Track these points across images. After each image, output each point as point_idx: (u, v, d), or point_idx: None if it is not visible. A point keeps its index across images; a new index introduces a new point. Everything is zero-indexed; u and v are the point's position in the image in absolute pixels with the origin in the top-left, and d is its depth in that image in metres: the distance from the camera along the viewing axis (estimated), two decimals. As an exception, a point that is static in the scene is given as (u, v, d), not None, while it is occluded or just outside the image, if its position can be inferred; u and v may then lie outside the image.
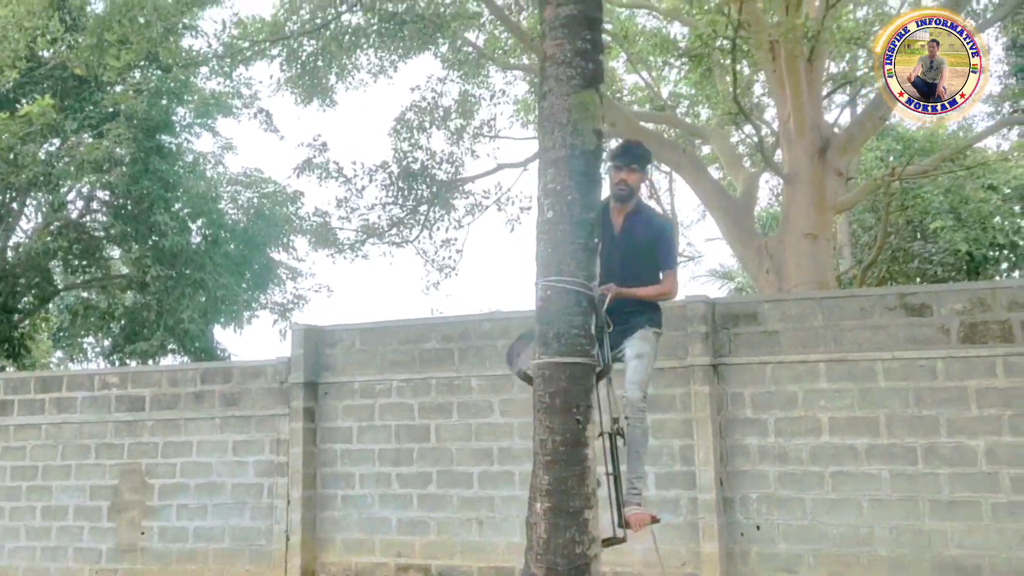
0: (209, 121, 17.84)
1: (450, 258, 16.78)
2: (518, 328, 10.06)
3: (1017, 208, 20.20)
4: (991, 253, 20.39)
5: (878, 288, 13.90)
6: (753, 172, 15.71)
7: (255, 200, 17.66)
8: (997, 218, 19.64)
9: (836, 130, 14.10)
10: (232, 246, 17.40)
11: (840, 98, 18.21)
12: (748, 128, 14.91)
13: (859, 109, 16.85)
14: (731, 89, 12.24)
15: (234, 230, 17.34)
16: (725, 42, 11.75)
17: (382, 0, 13.69)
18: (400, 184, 15.99)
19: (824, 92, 16.05)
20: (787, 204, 13.01)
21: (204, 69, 15.19)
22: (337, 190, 16.37)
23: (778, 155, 15.27)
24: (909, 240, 20.18)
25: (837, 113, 17.51)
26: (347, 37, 14.03)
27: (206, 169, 18.01)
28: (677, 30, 17.35)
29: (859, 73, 17.04)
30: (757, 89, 17.64)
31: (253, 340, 72.02)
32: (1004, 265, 21.84)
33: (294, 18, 13.84)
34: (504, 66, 16.35)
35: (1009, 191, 19.93)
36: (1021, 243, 20.69)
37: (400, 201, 16.21)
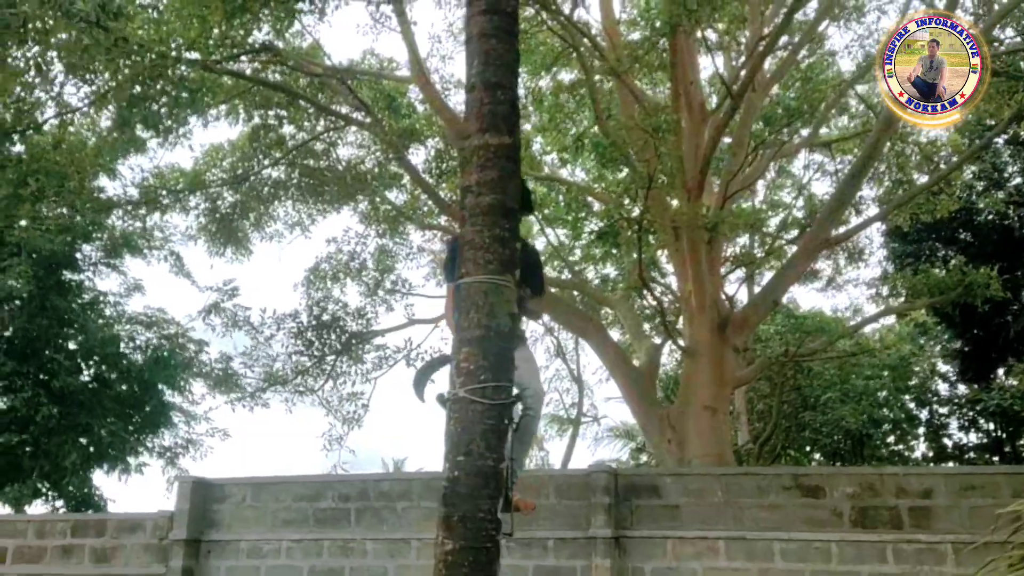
0: (116, 261, 17.46)
1: (355, 412, 16.41)
2: (420, 490, 9.88)
3: (895, 384, 21.25)
4: (880, 428, 21.28)
5: (774, 467, 14.32)
6: (656, 343, 16.19)
7: (154, 341, 17.15)
8: (883, 392, 20.67)
9: (735, 306, 14.79)
10: (124, 387, 16.68)
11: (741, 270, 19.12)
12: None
13: (757, 287, 17.72)
14: (636, 266, 12.78)
15: (128, 371, 16.69)
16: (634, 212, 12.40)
17: (304, 156, 14.02)
18: (309, 334, 15.79)
19: (724, 270, 16.92)
20: (688, 377, 13.41)
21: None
22: (244, 337, 16.01)
23: (680, 323, 15.82)
24: (801, 410, 20.90)
25: (736, 287, 18.41)
26: (266, 189, 14.21)
27: (104, 307, 17.46)
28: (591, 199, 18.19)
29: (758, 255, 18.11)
30: (664, 258, 18.39)
31: (141, 489, 67.63)
32: (891, 439, 22.76)
33: (214, 169, 13.99)
34: (422, 226, 16.70)
35: (890, 371, 21.06)
36: (902, 416, 21.73)
37: (308, 350, 15.97)
